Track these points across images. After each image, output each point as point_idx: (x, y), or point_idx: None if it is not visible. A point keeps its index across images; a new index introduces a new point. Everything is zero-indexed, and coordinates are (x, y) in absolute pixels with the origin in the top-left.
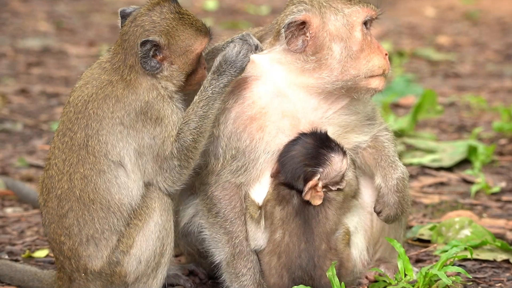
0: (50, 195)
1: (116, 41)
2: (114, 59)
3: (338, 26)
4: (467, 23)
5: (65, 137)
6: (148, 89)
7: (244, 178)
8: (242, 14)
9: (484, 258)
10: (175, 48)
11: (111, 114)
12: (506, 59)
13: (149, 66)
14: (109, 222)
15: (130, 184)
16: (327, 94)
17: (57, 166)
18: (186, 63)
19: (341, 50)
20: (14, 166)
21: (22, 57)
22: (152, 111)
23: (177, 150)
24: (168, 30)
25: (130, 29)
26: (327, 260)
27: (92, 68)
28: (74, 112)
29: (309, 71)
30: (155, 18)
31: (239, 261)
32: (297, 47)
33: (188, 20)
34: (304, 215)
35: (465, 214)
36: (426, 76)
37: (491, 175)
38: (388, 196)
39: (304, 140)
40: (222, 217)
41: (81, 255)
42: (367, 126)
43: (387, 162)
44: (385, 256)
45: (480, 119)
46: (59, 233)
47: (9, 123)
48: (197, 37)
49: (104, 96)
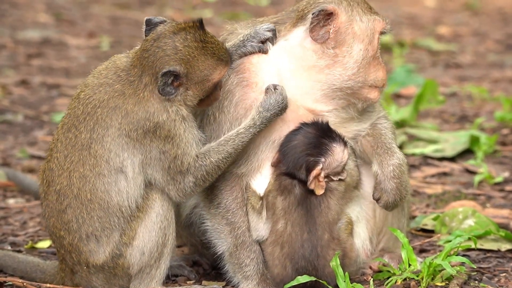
0: (50, 188)
1: (137, 52)
2: (131, 71)
3: (362, 28)
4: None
5: (70, 133)
6: (159, 110)
7: (245, 168)
8: (242, 5)
9: (488, 248)
10: (193, 76)
11: (118, 125)
12: (507, 49)
13: (165, 92)
14: (109, 221)
15: (130, 189)
16: (330, 92)
17: (58, 160)
18: (202, 90)
19: (360, 52)
20: (16, 157)
21: (22, 49)
22: (161, 130)
23: (196, 170)
24: (188, 59)
25: (152, 48)
26: (330, 250)
27: (107, 69)
28: (82, 112)
29: (320, 67)
30: (178, 44)
31: (242, 252)
32: (319, 37)
33: (211, 50)
34: (306, 205)
35: (468, 204)
36: (427, 67)
37: (494, 165)
38: (385, 183)
39: (306, 130)
40: (224, 208)
41: (81, 250)
42: (366, 114)
43: (383, 149)
44: (388, 246)
45: (482, 109)
46: (58, 228)
47: (10, 114)
48: (217, 67)
49: (115, 107)
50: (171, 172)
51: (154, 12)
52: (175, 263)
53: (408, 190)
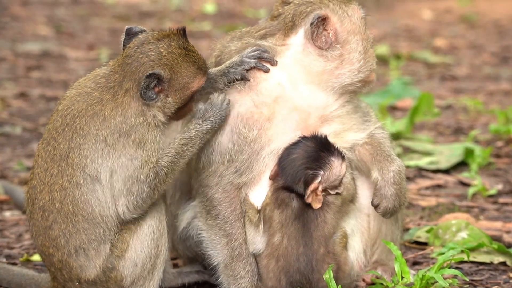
0: (34, 206)
1: (117, 59)
2: (110, 77)
3: (352, 21)
4: (464, 26)
5: (49, 146)
6: (136, 113)
7: (246, 177)
8: (241, 18)
9: (481, 260)
10: (175, 83)
11: (96, 131)
12: (503, 61)
13: (147, 96)
14: (95, 233)
15: (108, 198)
16: (340, 89)
17: (39, 176)
18: (181, 98)
19: (359, 43)
20: (13, 169)
21: (22, 61)
22: (136, 134)
23: (151, 178)
24: (172, 65)
25: (135, 54)
26: (325, 264)
27: (86, 79)
28: (61, 123)
29: (330, 70)
30: (162, 50)
31: (238, 264)
32: (323, 43)
33: (193, 58)
34: (303, 218)
35: (462, 216)
36: (423, 79)
37: (488, 178)
38: (385, 189)
39: (305, 143)
40: (222, 219)
41: (72, 266)
42: (363, 123)
43: (383, 156)
44: (382, 258)
45: (477, 122)
46: (47, 245)
47: (8, 126)
48: (197, 75)
49: (93, 114)
50: (129, 181)
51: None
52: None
53: (407, 198)
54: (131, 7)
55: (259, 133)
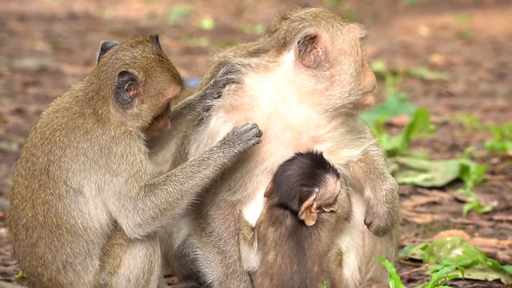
0: (18, 226)
1: (93, 72)
2: (87, 88)
3: (346, 41)
4: (461, 42)
5: (28, 163)
6: (116, 125)
7: (240, 194)
8: (238, 34)
9: (476, 277)
10: (150, 88)
11: (76, 143)
12: (499, 78)
13: (121, 98)
14: (79, 246)
15: (92, 211)
16: (332, 111)
17: (20, 194)
18: (156, 105)
19: (352, 65)
20: (9, 186)
21: (19, 77)
22: (118, 147)
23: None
24: (147, 68)
25: (109, 61)
26: (319, 282)
27: (63, 96)
28: (40, 138)
29: (320, 91)
30: (137, 54)
31: (232, 281)
32: (311, 62)
33: (167, 65)
34: (297, 236)
35: (457, 233)
36: (419, 95)
37: (483, 194)
38: (377, 207)
39: (301, 160)
40: (216, 237)
41: (62, 284)
42: (358, 140)
43: (376, 174)
44: (377, 276)
45: (473, 138)
46: (35, 265)
47: (5, 142)
48: (172, 83)
49: (74, 127)
50: (122, 198)
51: None
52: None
53: (399, 216)
54: (129, 22)
55: (252, 150)
